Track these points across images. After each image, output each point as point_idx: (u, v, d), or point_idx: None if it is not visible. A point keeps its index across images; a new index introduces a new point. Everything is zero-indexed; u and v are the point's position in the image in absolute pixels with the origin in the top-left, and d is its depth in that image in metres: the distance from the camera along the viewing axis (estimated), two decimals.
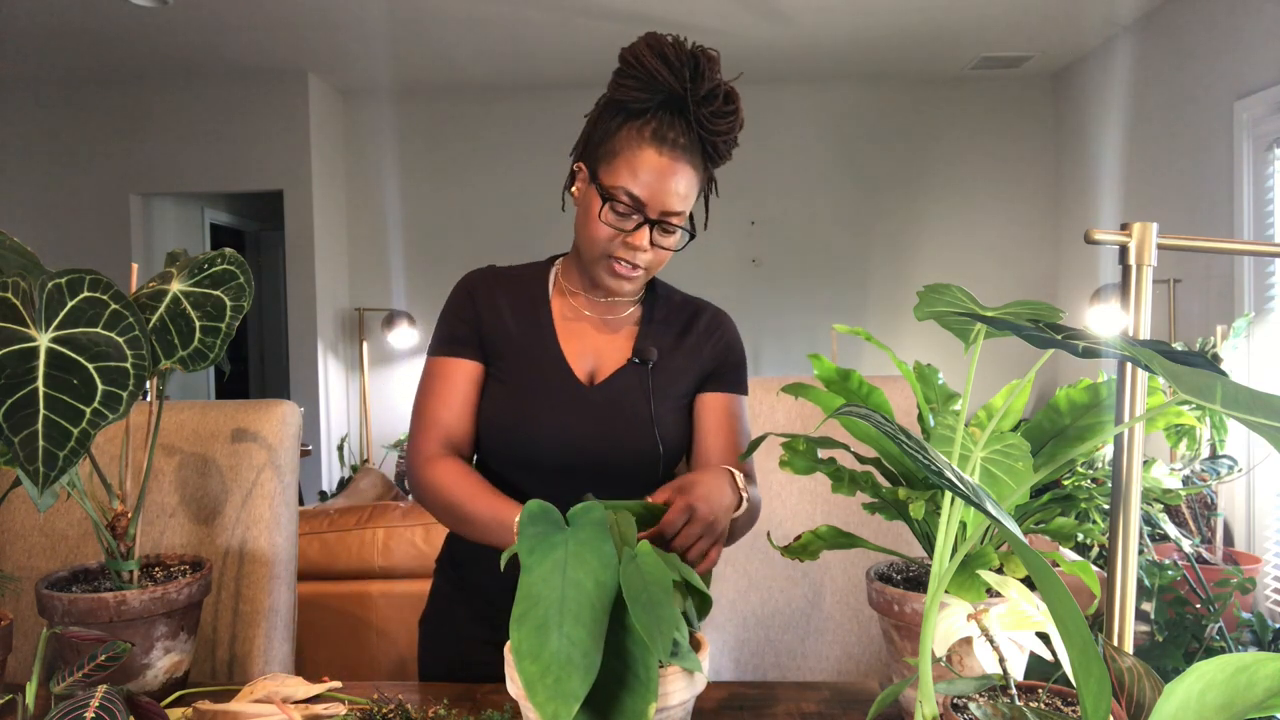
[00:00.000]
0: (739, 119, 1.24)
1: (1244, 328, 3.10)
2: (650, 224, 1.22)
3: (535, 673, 0.75)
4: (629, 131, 1.22)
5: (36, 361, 0.97)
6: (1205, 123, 3.82)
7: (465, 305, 1.35)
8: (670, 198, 1.21)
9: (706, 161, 1.26)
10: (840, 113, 5.55)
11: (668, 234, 1.25)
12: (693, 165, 1.22)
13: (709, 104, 1.20)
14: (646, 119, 1.21)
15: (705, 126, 1.21)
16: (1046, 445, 1.00)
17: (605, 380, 1.32)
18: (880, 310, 5.53)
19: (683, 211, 1.23)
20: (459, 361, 1.32)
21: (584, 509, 0.90)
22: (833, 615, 1.59)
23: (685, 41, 1.22)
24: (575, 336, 1.35)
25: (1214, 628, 2.10)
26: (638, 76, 1.21)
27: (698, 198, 1.28)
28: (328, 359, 5.40)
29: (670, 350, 1.35)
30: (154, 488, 1.47)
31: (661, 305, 1.39)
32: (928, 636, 0.70)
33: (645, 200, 1.21)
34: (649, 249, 1.24)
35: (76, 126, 5.28)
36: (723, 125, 1.22)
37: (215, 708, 1.05)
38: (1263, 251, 0.94)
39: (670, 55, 1.20)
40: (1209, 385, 0.58)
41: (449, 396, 1.31)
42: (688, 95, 1.19)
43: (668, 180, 1.20)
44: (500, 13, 4.28)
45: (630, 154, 1.21)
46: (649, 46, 1.21)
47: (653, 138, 1.20)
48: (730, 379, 1.38)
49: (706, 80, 1.20)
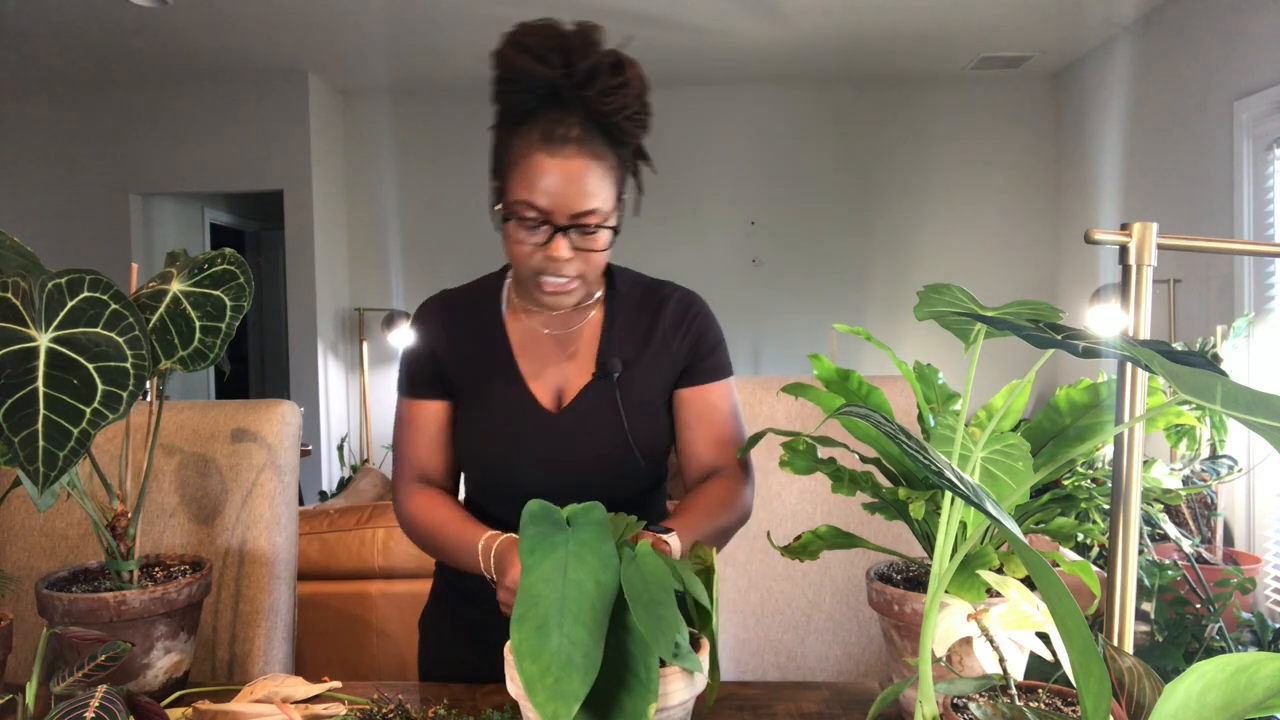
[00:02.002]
0: (632, 88, 1.11)
1: (1244, 328, 3.10)
2: (563, 231, 1.13)
3: (535, 673, 0.75)
4: (518, 140, 1.13)
5: (36, 361, 0.97)
6: (1205, 123, 3.82)
7: (421, 344, 1.32)
8: (575, 199, 1.11)
9: (614, 145, 1.14)
10: (840, 113, 5.55)
11: (589, 235, 1.15)
12: (594, 156, 1.12)
13: (591, 84, 1.09)
14: (533, 121, 1.11)
15: (596, 109, 1.10)
16: (1046, 445, 1.00)
17: (572, 403, 1.27)
18: (880, 310, 5.53)
19: (597, 209, 1.13)
20: (423, 404, 1.31)
21: (584, 509, 0.90)
22: (833, 615, 1.59)
23: (556, 23, 1.11)
24: (535, 360, 1.29)
25: (1214, 628, 2.10)
26: (510, 79, 1.12)
27: (624, 182, 1.19)
28: (328, 359, 5.40)
29: (637, 353, 1.29)
30: (154, 488, 1.47)
31: (623, 303, 1.32)
32: (928, 636, 0.70)
33: (549, 209, 1.12)
34: (572, 256, 1.15)
35: (76, 126, 5.28)
36: (614, 101, 1.10)
37: (215, 708, 1.05)
38: (1263, 251, 0.94)
39: (536, 45, 1.09)
40: (1209, 385, 0.58)
41: (418, 438, 1.31)
42: (566, 83, 1.09)
43: (567, 182, 1.10)
44: (500, 13, 4.26)
45: (523, 164, 1.12)
46: (513, 43, 1.11)
47: (541, 140, 1.10)
48: (706, 370, 1.31)
49: (583, 60, 1.09)
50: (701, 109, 5.57)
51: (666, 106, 6.22)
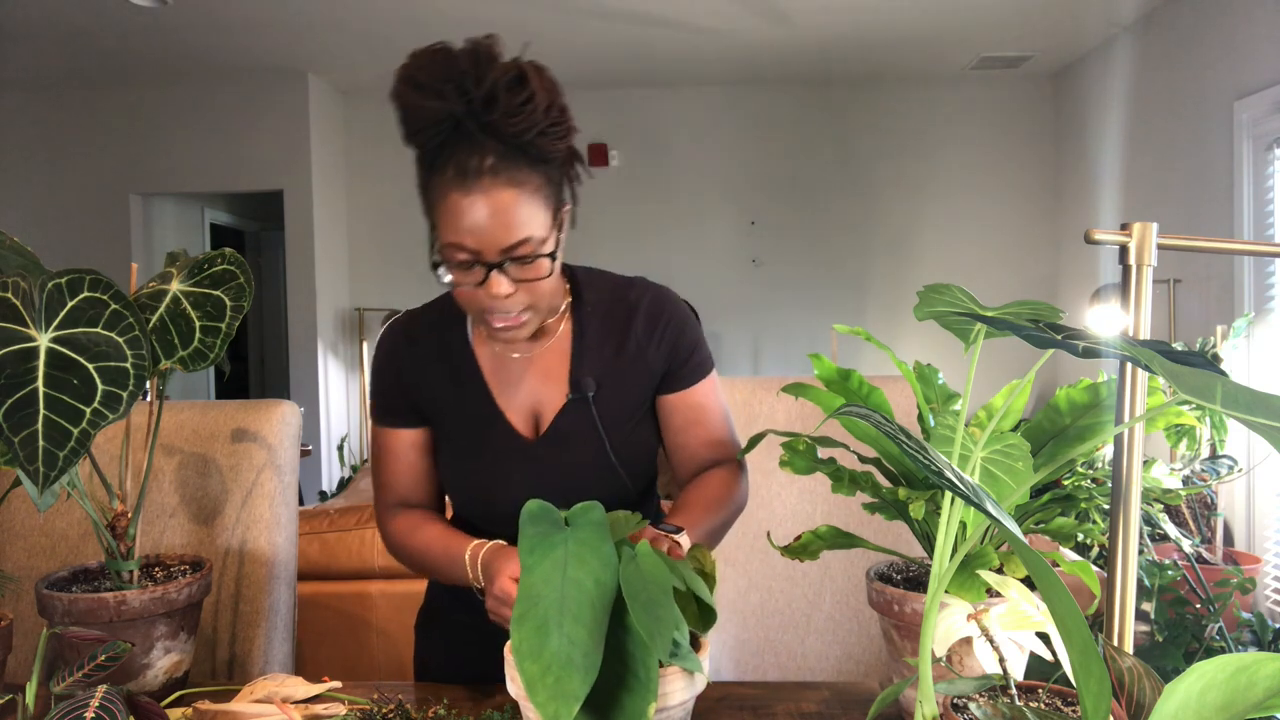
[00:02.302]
0: (539, 101, 1.03)
1: (1244, 328, 3.10)
2: (497, 267, 1.07)
3: (536, 673, 0.75)
4: (436, 180, 1.06)
5: (36, 361, 0.97)
6: (1205, 123, 3.82)
7: (388, 372, 1.28)
8: (502, 234, 1.04)
9: (537, 164, 1.07)
10: (840, 112, 5.55)
11: (527, 265, 1.08)
12: (515, 184, 1.04)
13: (494, 108, 1.01)
14: (446, 158, 1.04)
15: (505, 133, 1.03)
16: (1046, 445, 1.00)
17: (550, 428, 1.23)
18: (880, 310, 5.54)
19: (529, 238, 1.06)
20: (397, 432, 1.28)
21: (583, 509, 0.90)
22: (833, 615, 1.59)
23: (446, 48, 1.04)
24: (508, 384, 1.25)
25: (1214, 628, 2.10)
26: (410, 120, 1.05)
27: (559, 197, 1.12)
28: (328, 359, 5.40)
29: (612, 367, 1.24)
30: (154, 488, 1.47)
31: (591, 317, 1.25)
32: (928, 636, 0.70)
33: (477, 248, 1.05)
34: (513, 290, 1.08)
35: (76, 126, 5.28)
36: (522, 121, 1.02)
37: (215, 708, 1.05)
38: (1263, 251, 0.94)
39: (427, 79, 1.02)
40: (1209, 385, 0.58)
41: (395, 465, 1.29)
42: (467, 112, 1.02)
43: (490, 218, 1.03)
44: (500, 13, 4.27)
45: (443, 206, 1.05)
46: (404, 80, 1.03)
47: (456, 178, 1.03)
48: (688, 373, 1.27)
49: (479, 84, 1.01)
50: (701, 109, 5.57)
51: (667, 106, 6.19)
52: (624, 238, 5.54)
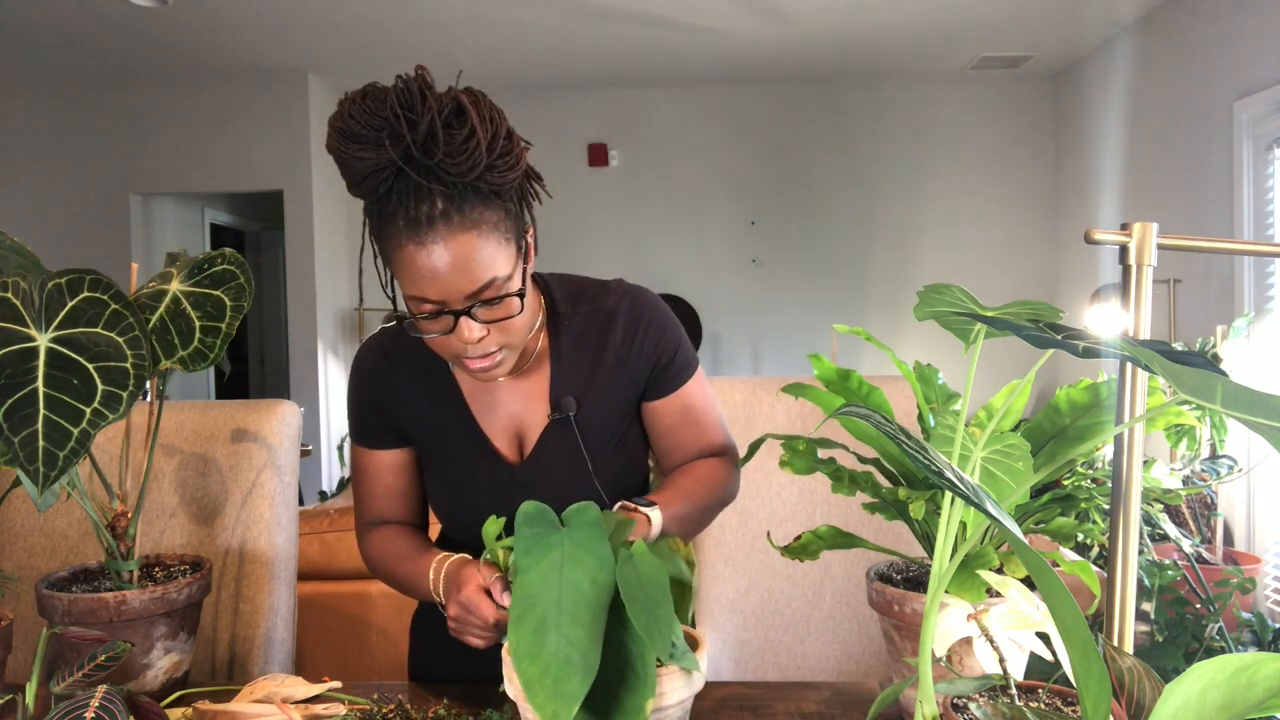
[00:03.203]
0: (479, 136, 0.95)
1: (1244, 328, 3.10)
2: (465, 313, 1.02)
3: (534, 673, 0.75)
4: (387, 231, 1.00)
5: (36, 361, 0.97)
6: (1205, 123, 3.82)
7: (365, 394, 1.24)
8: (462, 281, 0.99)
9: (490, 200, 1.00)
10: (840, 112, 5.55)
11: (496, 306, 1.03)
12: (469, 226, 0.98)
13: (434, 150, 0.95)
14: (394, 207, 0.98)
15: (447, 175, 0.96)
16: (1046, 445, 1.00)
17: (534, 450, 1.21)
18: (880, 310, 5.54)
19: (494, 279, 1.01)
20: (376, 454, 1.26)
21: (579, 509, 0.90)
22: (833, 615, 1.59)
23: (376, 91, 0.96)
24: (490, 408, 1.22)
25: (1214, 628, 2.10)
26: (350, 172, 0.99)
27: (521, 226, 1.06)
28: (328, 359, 5.40)
29: (592, 381, 1.21)
30: (154, 488, 1.47)
31: (568, 332, 1.21)
32: (928, 636, 0.70)
33: (441, 298, 1.01)
34: (485, 332, 1.05)
35: (76, 126, 5.28)
36: (465, 160, 0.95)
37: (215, 708, 1.05)
38: (1263, 251, 0.94)
39: (360, 129, 0.95)
40: (1209, 385, 0.58)
41: (374, 486, 1.27)
42: (407, 158, 0.96)
43: (449, 267, 0.98)
44: (500, 13, 4.27)
45: (398, 259, 1.00)
46: (337, 131, 0.97)
47: (406, 228, 0.98)
48: (672, 376, 1.23)
49: (414, 127, 0.94)
50: (702, 109, 5.57)
51: (667, 106, 6.19)
52: (624, 238, 5.54)
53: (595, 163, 5.53)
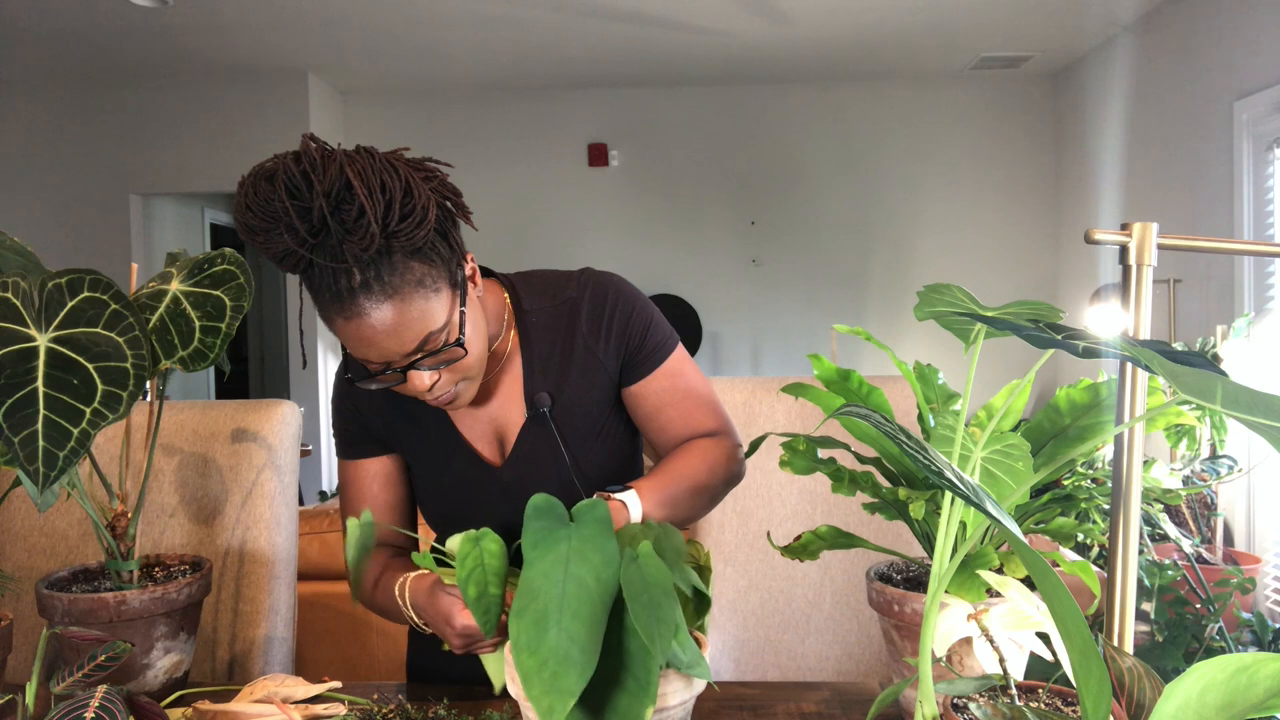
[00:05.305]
0: (371, 212, 0.92)
1: (1244, 328, 3.10)
2: (410, 367, 1.04)
3: (532, 666, 0.75)
4: (318, 304, 1.01)
5: (36, 361, 0.97)
6: (1205, 123, 3.82)
7: (345, 400, 1.26)
8: (395, 345, 1.00)
9: (407, 258, 0.98)
10: (840, 112, 5.55)
11: (441, 354, 1.04)
12: (392, 292, 0.97)
13: (329, 234, 0.94)
14: (315, 284, 0.99)
15: (355, 251, 0.94)
16: (1046, 445, 1.00)
17: (514, 450, 1.21)
18: (880, 310, 5.54)
19: (428, 334, 1.01)
20: (360, 464, 1.27)
21: (588, 505, 0.90)
22: (833, 615, 1.59)
23: (266, 173, 0.94)
24: (468, 413, 1.22)
25: (1214, 628, 2.10)
26: (265, 254, 0.98)
27: (452, 268, 1.04)
28: (328, 359, 5.40)
29: (564, 375, 1.20)
30: (154, 488, 1.47)
31: (536, 325, 1.20)
32: (928, 636, 0.70)
33: (382, 360, 1.03)
34: (437, 376, 1.06)
35: (76, 126, 5.28)
36: (363, 238, 0.93)
37: (215, 708, 1.05)
38: (1263, 251, 0.94)
39: (257, 222, 0.95)
40: (1209, 385, 0.58)
41: (358, 502, 1.27)
42: (311, 243, 0.95)
43: (381, 334, 0.99)
44: (500, 13, 4.27)
45: (333, 327, 1.01)
46: (242, 227, 0.96)
47: (332, 304, 0.98)
48: (647, 357, 1.21)
49: (305, 212, 0.93)
50: (702, 109, 5.57)
51: (667, 106, 6.21)
52: (624, 238, 5.54)
53: (595, 163, 5.53)
